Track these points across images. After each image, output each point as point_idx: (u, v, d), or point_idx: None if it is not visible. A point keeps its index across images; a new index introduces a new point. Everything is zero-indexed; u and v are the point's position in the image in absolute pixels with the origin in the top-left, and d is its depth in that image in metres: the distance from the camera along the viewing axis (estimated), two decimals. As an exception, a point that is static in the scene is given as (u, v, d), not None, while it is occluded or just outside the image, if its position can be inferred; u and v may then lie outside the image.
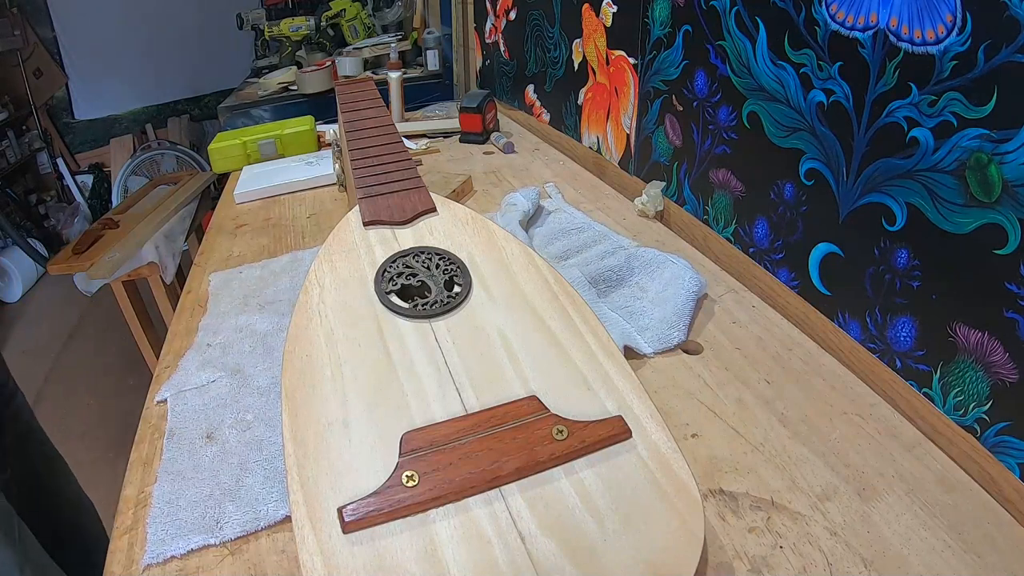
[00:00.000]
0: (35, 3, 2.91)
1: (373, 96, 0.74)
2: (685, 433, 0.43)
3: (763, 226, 0.57)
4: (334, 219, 0.79)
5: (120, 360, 1.93)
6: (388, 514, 0.28)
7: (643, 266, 0.59)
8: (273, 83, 1.85)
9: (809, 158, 0.49)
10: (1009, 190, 0.34)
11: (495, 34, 1.20)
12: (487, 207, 0.80)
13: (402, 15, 2.08)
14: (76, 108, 3.17)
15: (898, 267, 0.43)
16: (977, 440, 0.39)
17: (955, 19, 0.36)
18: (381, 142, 0.60)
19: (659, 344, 0.50)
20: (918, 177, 0.40)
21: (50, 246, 2.77)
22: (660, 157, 0.73)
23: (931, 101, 0.38)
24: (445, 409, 0.33)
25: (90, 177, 3.16)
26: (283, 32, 2.09)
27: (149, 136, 3.27)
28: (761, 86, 0.53)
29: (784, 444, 0.41)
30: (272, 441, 0.43)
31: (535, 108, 1.09)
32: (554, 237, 0.67)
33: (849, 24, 0.43)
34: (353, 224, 0.48)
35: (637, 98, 0.76)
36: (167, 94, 3.32)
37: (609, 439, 0.32)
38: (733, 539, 0.35)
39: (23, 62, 2.92)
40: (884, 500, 0.37)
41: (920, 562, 0.33)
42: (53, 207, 3.02)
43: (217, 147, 1.02)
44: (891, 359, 0.44)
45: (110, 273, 1.46)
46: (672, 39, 0.66)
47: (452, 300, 0.40)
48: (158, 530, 0.37)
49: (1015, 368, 0.36)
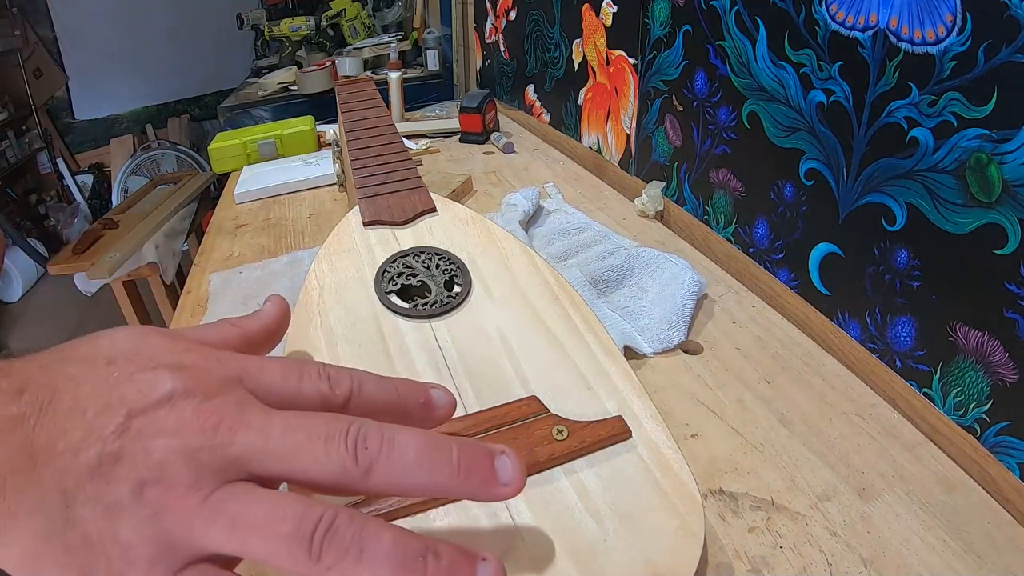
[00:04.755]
0: (35, 3, 2.91)
1: (373, 96, 0.74)
2: (685, 433, 0.43)
3: (763, 226, 0.57)
4: (334, 219, 0.79)
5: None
6: (388, 514, 0.28)
7: (643, 266, 0.59)
8: (273, 83, 1.85)
9: (809, 158, 0.49)
10: (1009, 190, 0.34)
11: (495, 34, 1.20)
12: (487, 207, 0.80)
13: (402, 15, 2.08)
14: (76, 108, 3.17)
15: (898, 267, 0.43)
16: (977, 440, 0.39)
17: (955, 19, 0.36)
18: (381, 142, 0.60)
19: (659, 344, 0.50)
20: (918, 177, 0.40)
21: (50, 246, 2.77)
22: (660, 157, 0.73)
23: (931, 101, 0.38)
24: (445, 409, 0.33)
25: (90, 177, 3.16)
26: (283, 32, 2.09)
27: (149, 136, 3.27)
28: (761, 86, 0.53)
29: (784, 444, 0.41)
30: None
31: (535, 108, 1.09)
32: (554, 237, 0.67)
33: (849, 24, 0.43)
34: (353, 224, 0.48)
35: (637, 98, 0.76)
36: (167, 94, 3.32)
37: (609, 439, 0.32)
38: (733, 539, 0.35)
39: (23, 62, 2.92)
40: (884, 500, 0.37)
41: (920, 562, 0.33)
42: (53, 207, 3.02)
43: (217, 147, 1.02)
44: (891, 359, 0.44)
45: (110, 273, 1.46)
46: (672, 39, 0.66)
47: (452, 300, 0.40)
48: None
49: (1015, 368, 0.36)
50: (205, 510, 0.19)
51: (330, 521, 0.19)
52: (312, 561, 0.18)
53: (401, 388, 0.24)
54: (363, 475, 0.20)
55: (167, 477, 0.19)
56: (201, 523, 0.19)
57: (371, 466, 0.20)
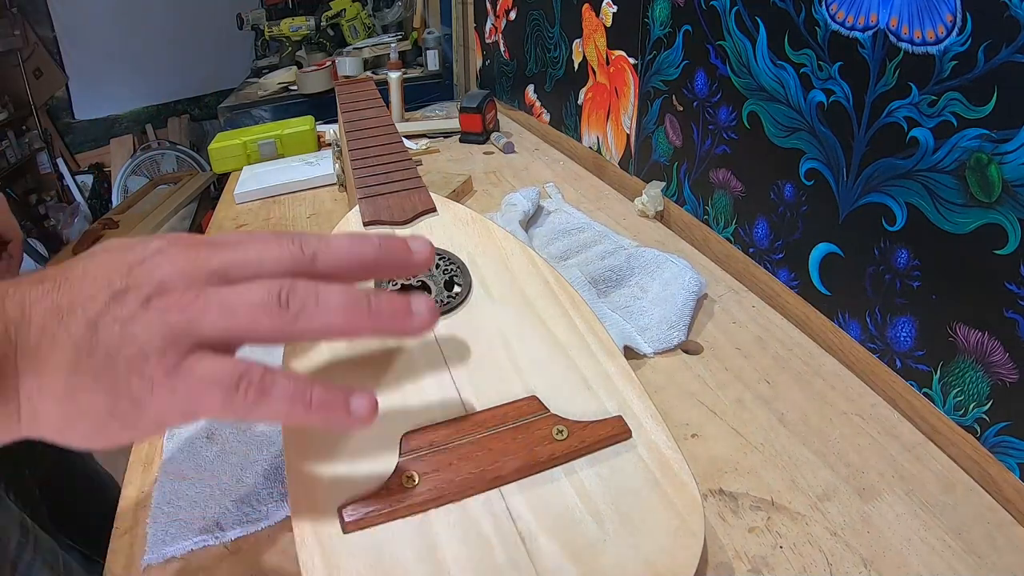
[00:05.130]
0: (35, 3, 2.91)
1: (373, 96, 0.74)
2: (685, 433, 0.43)
3: (763, 226, 0.57)
4: (334, 219, 0.79)
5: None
6: (388, 514, 0.28)
7: (643, 266, 0.59)
8: (273, 83, 1.85)
9: (809, 158, 0.49)
10: (1009, 190, 0.34)
11: (495, 34, 1.20)
12: (487, 207, 0.80)
13: (402, 15, 2.08)
14: (76, 108, 3.16)
15: (898, 267, 0.43)
16: (977, 440, 0.39)
17: (955, 19, 0.36)
18: (381, 142, 0.60)
19: (659, 344, 0.50)
20: (918, 177, 0.40)
21: (50, 246, 2.76)
22: (660, 157, 0.73)
23: (931, 101, 0.38)
24: (445, 409, 0.33)
25: (90, 177, 3.16)
26: (283, 32, 2.09)
27: (149, 136, 3.27)
28: (761, 86, 0.53)
29: (784, 444, 0.41)
30: (272, 441, 0.43)
31: (535, 108, 1.09)
32: (554, 237, 0.67)
33: (849, 24, 0.43)
34: (353, 224, 0.48)
35: (637, 98, 0.76)
36: (167, 94, 3.32)
37: (609, 439, 0.32)
38: (733, 539, 0.35)
39: (23, 62, 2.92)
40: (884, 500, 0.37)
41: (920, 562, 0.33)
42: (53, 207, 3.02)
43: (217, 147, 1.02)
44: (891, 359, 0.44)
45: (110, 273, 1.46)
46: (672, 39, 0.66)
47: (452, 300, 0.40)
48: (158, 530, 0.37)
49: (1015, 368, 0.36)
50: (199, 303, 0.24)
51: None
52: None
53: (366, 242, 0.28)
54: (293, 319, 0.25)
55: (167, 289, 0.24)
56: (197, 313, 0.24)
57: (298, 312, 0.25)
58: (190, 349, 0.24)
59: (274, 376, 0.25)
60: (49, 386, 0.23)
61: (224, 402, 0.24)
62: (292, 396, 0.25)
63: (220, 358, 0.24)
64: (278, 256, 0.27)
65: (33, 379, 0.23)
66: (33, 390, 0.23)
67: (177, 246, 0.26)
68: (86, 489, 0.71)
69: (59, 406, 0.23)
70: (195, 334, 0.24)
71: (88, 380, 0.23)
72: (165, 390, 0.24)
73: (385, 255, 0.28)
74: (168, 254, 0.25)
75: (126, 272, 0.25)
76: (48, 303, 0.24)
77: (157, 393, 0.24)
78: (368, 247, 0.28)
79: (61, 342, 0.23)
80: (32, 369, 0.23)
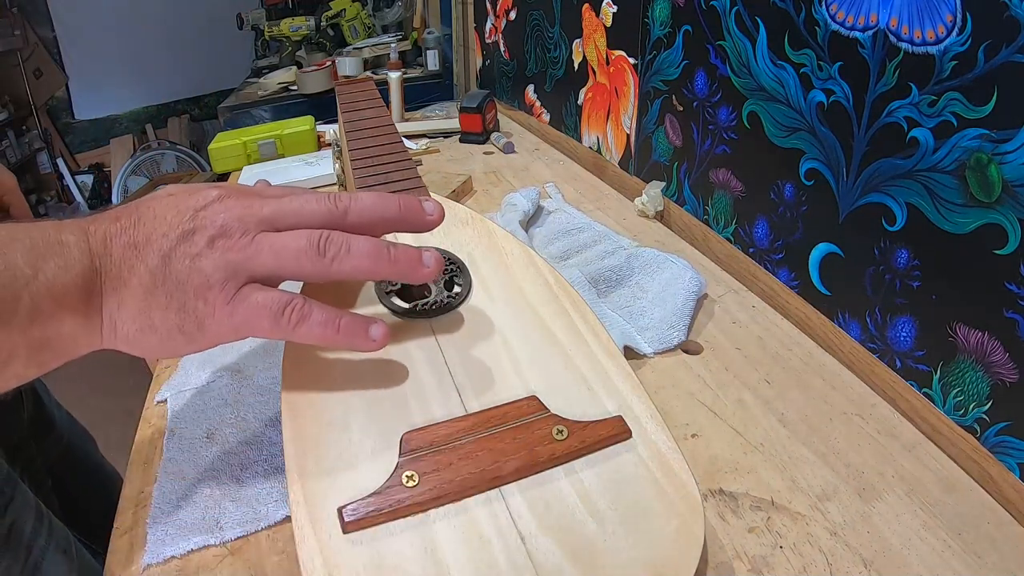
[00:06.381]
0: (35, 3, 2.91)
1: (373, 96, 0.74)
2: (685, 433, 0.43)
3: (763, 226, 0.57)
4: (334, 219, 0.79)
5: (120, 360, 1.93)
6: (388, 514, 0.28)
7: (643, 266, 0.59)
8: (273, 83, 1.85)
9: (809, 158, 0.49)
10: (1009, 190, 0.34)
11: (495, 34, 1.20)
12: (487, 207, 0.80)
13: (402, 15, 2.08)
14: (76, 108, 3.17)
15: (898, 267, 0.43)
16: (977, 440, 0.39)
17: (955, 19, 0.36)
18: (381, 142, 0.60)
19: (659, 344, 0.50)
20: (918, 177, 0.40)
21: (50, 246, 2.76)
22: (660, 157, 0.73)
23: (931, 101, 0.38)
24: (445, 409, 0.33)
25: (90, 177, 3.16)
26: (283, 32, 2.09)
27: (149, 136, 3.27)
28: (761, 86, 0.53)
29: (784, 444, 0.41)
30: (272, 441, 0.43)
31: (535, 108, 1.09)
32: (554, 237, 0.67)
33: (849, 24, 0.43)
34: (353, 224, 0.48)
35: (637, 98, 0.76)
36: (167, 94, 3.32)
37: (609, 439, 0.32)
38: (733, 539, 0.35)
39: (23, 62, 2.92)
40: (884, 500, 0.37)
41: (920, 562, 0.33)
42: (53, 207, 3.02)
43: (217, 147, 1.02)
44: (891, 359, 0.44)
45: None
46: (672, 39, 0.66)
47: (452, 300, 0.40)
48: (158, 530, 0.37)
49: (1015, 368, 0.36)
50: (254, 246, 0.30)
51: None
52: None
53: (390, 201, 0.33)
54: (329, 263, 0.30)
55: (228, 232, 0.30)
56: (252, 254, 0.30)
57: (333, 257, 0.30)
58: (245, 282, 0.29)
59: (311, 306, 0.30)
60: (128, 304, 0.29)
61: (272, 324, 0.30)
62: (325, 321, 0.30)
63: (269, 290, 0.30)
64: (316, 209, 0.32)
65: (114, 299, 0.29)
66: (114, 308, 0.29)
67: (233, 196, 0.31)
68: (91, 483, 0.71)
69: (135, 322, 0.29)
70: (249, 270, 0.30)
71: (162, 300, 0.29)
72: (225, 313, 0.29)
73: (404, 212, 0.33)
74: (226, 203, 0.30)
75: (192, 216, 0.30)
76: (127, 238, 0.29)
77: (218, 316, 0.29)
78: (391, 204, 0.33)
79: (139, 271, 0.29)
80: (114, 291, 0.29)
